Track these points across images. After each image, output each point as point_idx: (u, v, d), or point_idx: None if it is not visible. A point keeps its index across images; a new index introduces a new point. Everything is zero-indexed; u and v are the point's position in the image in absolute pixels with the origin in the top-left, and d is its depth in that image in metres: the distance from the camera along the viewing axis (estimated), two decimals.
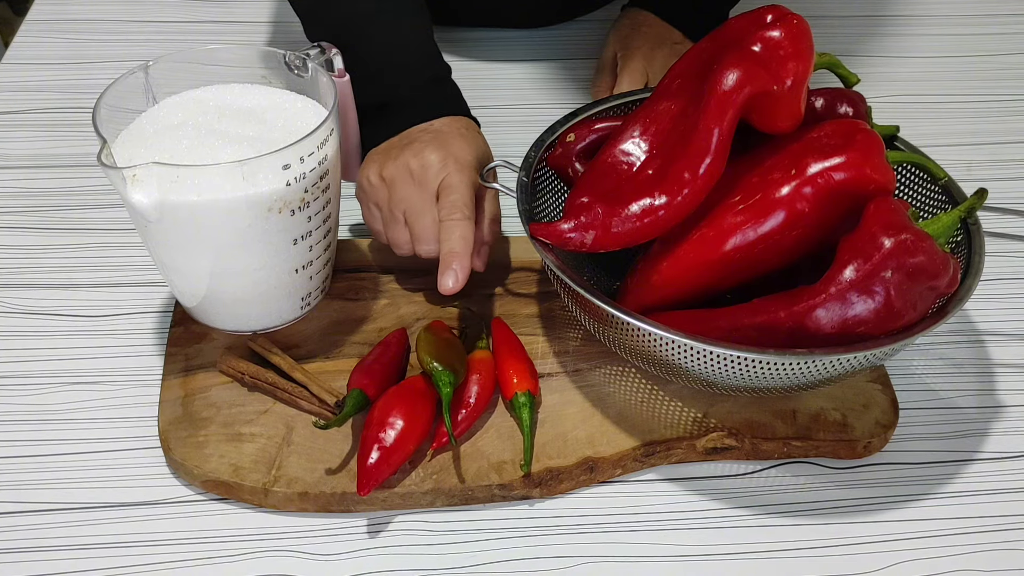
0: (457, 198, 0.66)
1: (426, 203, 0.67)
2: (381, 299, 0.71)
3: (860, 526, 0.61)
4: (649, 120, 0.64)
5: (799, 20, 0.60)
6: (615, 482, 0.63)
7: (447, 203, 0.66)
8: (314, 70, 0.66)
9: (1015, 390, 0.69)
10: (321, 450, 0.61)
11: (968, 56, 1.03)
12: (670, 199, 0.60)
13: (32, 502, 0.60)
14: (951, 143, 0.90)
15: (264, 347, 0.66)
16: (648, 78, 0.89)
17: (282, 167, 0.59)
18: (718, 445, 0.63)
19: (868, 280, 0.55)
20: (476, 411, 0.63)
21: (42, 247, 0.76)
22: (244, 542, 0.59)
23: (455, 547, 0.59)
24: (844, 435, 0.64)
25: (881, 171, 0.59)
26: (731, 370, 0.57)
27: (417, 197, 0.67)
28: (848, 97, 0.67)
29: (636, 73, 0.89)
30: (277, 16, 1.03)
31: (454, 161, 0.67)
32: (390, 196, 0.68)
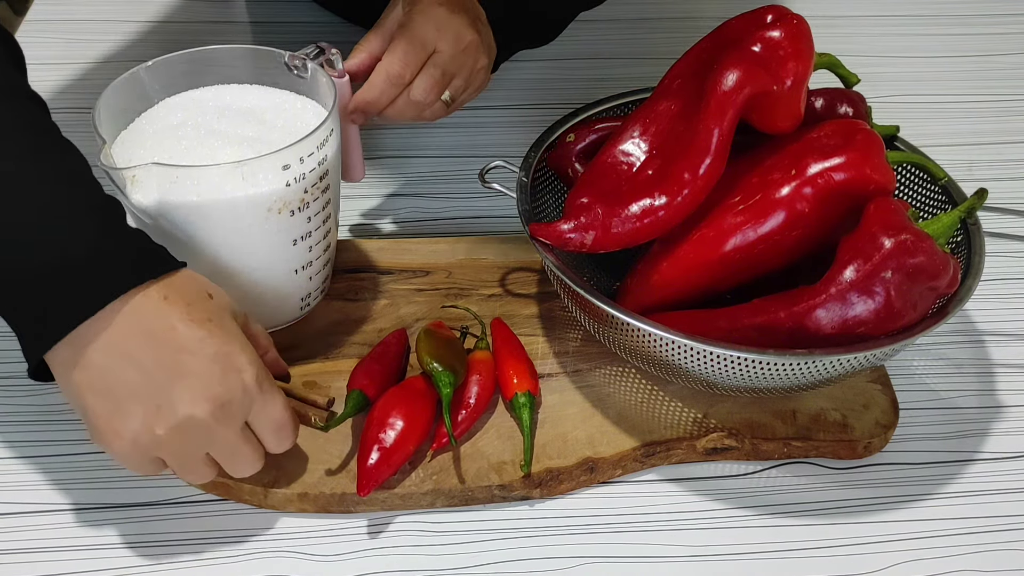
0: (277, 418, 0.55)
1: (239, 436, 0.54)
2: (381, 299, 0.71)
3: (860, 526, 0.61)
4: (649, 120, 0.64)
5: (799, 20, 0.60)
6: (615, 482, 0.63)
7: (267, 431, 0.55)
8: (314, 70, 0.65)
9: (1015, 390, 0.69)
10: (321, 450, 0.61)
11: (968, 56, 1.03)
12: (670, 199, 0.60)
13: (32, 502, 0.60)
14: (951, 143, 0.90)
15: None
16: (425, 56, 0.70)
17: (282, 167, 0.59)
18: (718, 445, 0.63)
19: (868, 280, 0.55)
20: (476, 411, 0.63)
21: None
22: (244, 542, 0.59)
23: (455, 548, 0.59)
24: (844, 435, 0.64)
25: (881, 171, 0.59)
26: (731, 370, 0.57)
27: (223, 436, 0.53)
28: (848, 97, 0.67)
29: (413, 46, 0.69)
30: (277, 16, 1.03)
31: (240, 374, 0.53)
32: (181, 451, 0.53)
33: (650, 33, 1.03)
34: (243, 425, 0.54)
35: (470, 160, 0.86)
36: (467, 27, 0.71)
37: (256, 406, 0.54)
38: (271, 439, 0.56)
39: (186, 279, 0.54)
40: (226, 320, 0.54)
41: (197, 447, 0.54)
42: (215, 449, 0.54)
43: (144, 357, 0.51)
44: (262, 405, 0.54)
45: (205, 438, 0.53)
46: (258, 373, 0.54)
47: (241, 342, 0.54)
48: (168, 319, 0.52)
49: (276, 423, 0.55)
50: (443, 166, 0.86)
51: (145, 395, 0.51)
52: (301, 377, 0.66)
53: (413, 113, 0.71)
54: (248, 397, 0.53)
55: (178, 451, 0.53)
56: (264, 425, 0.55)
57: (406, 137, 0.89)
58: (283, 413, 0.56)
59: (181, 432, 0.52)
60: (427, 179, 0.85)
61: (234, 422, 0.53)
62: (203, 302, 0.53)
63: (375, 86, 0.69)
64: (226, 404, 0.52)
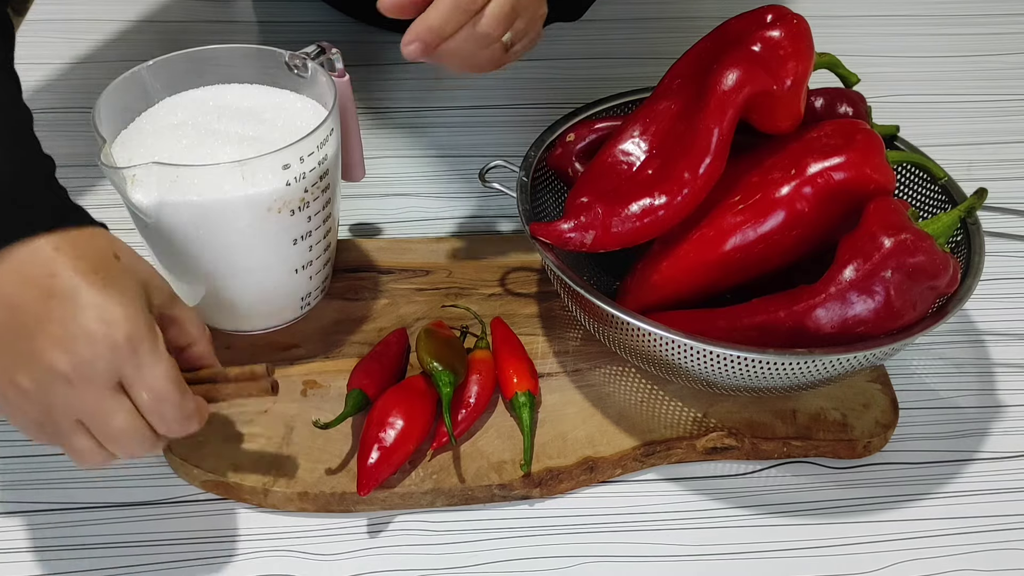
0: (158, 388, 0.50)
1: (110, 402, 0.50)
2: (381, 299, 0.71)
3: (860, 526, 0.61)
4: (649, 120, 0.64)
5: (799, 20, 0.60)
6: (615, 482, 0.63)
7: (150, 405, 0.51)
8: (314, 70, 0.66)
9: (1015, 390, 0.69)
10: (321, 450, 0.61)
11: (968, 56, 1.03)
12: (670, 199, 0.60)
13: (33, 502, 0.60)
14: (951, 143, 0.90)
15: None
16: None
17: (282, 167, 0.59)
18: (718, 445, 0.63)
19: (868, 280, 0.55)
20: (476, 411, 0.63)
21: None
22: (244, 542, 0.59)
23: (455, 547, 0.59)
24: (844, 435, 0.64)
25: (881, 171, 0.59)
26: (731, 370, 0.57)
27: (89, 398, 0.49)
28: (848, 97, 0.67)
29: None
30: (277, 16, 1.03)
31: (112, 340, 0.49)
32: (48, 407, 0.50)
33: (650, 33, 1.03)
34: (114, 389, 0.49)
35: (470, 160, 0.86)
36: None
37: (128, 369, 0.49)
38: (153, 414, 0.50)
39: (93, 236, 0.51)
40: (121, 280, 0.50)
41: (65, 408, 0.49)
42: (84, 414, 0.49)
43: (16, 303, 0.48)
44: (135, 369, 0.49)
45: (71, 398, 0.49)
46: (134, 332, 0.48)
47: (127, 302, 0.49)
48: (50, 267, 0.49)
49: (156, 393, 0.50)
50: (443, 166, 0.86)
51: (12, 342, 0.48)
52: (301, 376, 0.66)
53: (472, 49, 0.61)
54: (116, 355, 0.48)
55: (47, 410, 0.49)
56: (141, 395, 0.50)
57: (406, 137, 0.89)
58: (164, 384, 0.50)
59: (44, 387, 0.48)
60: (427, 179, 0.85)
61: (99, 381, 0.48)
62: (101, 260, 0.50)
63: (441, 9, 0.59)
64: (88, 360, 0.48)
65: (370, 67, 0.95)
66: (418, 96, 0.93)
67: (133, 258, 0.52)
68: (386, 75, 0.95)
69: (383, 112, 0.91)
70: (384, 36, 0.99)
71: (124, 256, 0.52)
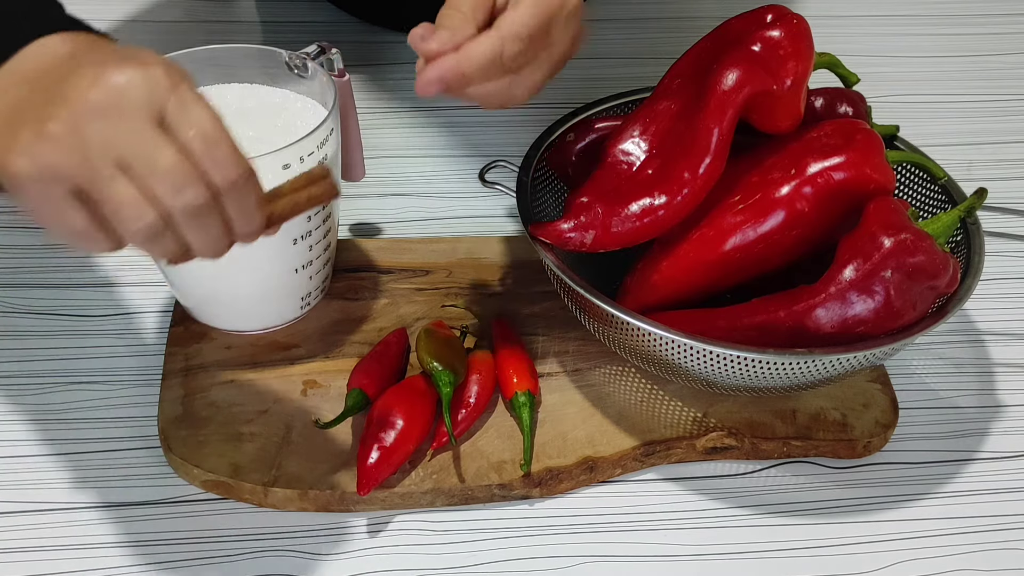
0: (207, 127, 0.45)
1: (151, 132, 0.44)
2: (381, 299, 0.71)
3: (859, 526, 0.61)
4: (649, 120, 0.64)
5: (799, 20, 0.60)
6: (615, 482, 0.63)
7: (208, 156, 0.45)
8: (314, 70, 0.66)
9: (1015, 390, 0.69)
10: (321, 450, 0.61)
11: (968, 56, 1.03)
12: (670, 199, 0.60)
13: (32, 502, 0.60)
14: (951, 143, 0.90)
15: None
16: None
17: (282, 167, 0.59)
18: (718, 445, 0.63)
19: (868, 280, 0.55)
20: (476, 411, 0.63)
21: (43, 247, 0.76)
22: (244, 542, 0.59)
23: (455, 547, 0.59)
24: (844, 435, 0.64)
25: (881, 171, 0.59)
26: (731, 370, 0.57)
27: (132, 130, 0.44)
28: (848, 97, 0.67)
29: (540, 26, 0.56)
30: (277, 16, 1.03)
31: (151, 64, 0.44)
32: (83, 152, 0.43)
33: (650, 33, 1.03)
34: (157, 123, 0.44)
35: (470, 160, 0.86)
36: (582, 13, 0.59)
37: (171, 104, 0.44)
38: (206, 159, 0.45)
39: (110, 42, 0.47)
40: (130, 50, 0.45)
41: (103, 146, 0.43)
42: (126, 150, 0.43)
43: (34, 76, 0.45)
44: (179, 105, 0.44)
45: (109, 132, 0.43)
46: (173, 69, 0.44)
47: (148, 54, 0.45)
48: (67, 46, 0.46)
49: (205, 133, 0.45)
50: (443, 166, 0.86)
51: (33, 104, 0.44)
52: (301, 376, 0.66)
53: (498, 102, 0.59)
54: (155, 86, 0.44)
55: (81, 158, 0.43)
56: (188, 133, 0.44)
57: (406, 137, 0.89)
58: (214, 124, 0.45)
59: (77, 126, 0.43)
60: (427, 179, 0.85)
61: (139, 112, 0.43)
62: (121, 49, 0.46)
63: (477, 60, 0.54)
64: (124, 87, 0.43)
65: (370, 67, 0.95)
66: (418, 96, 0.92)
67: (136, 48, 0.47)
68: (386, 75, 0.95)
69: (383, 112, 0.91)
70: (384, 36, 0.99)
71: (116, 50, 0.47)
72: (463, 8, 0.56)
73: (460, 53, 0.55)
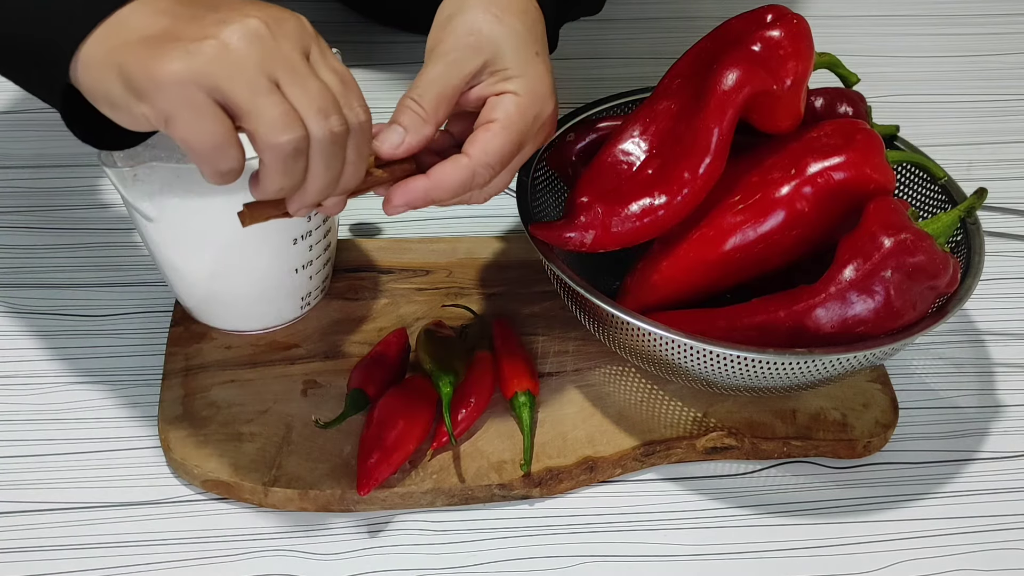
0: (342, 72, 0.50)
1: (303, 62, 0.48)
2: (381, 299, 0.71)
3: (859, 526, 0.61)
4: (649, 120, 0.64)
5: (799, 20, 0.60)
6: (615, 482, 0.63)
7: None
8: None
9: (1015, 390, 0.69)
10: (321, 450, 0.61)
11: (968, 56, 1.03)
12: (670, 199, 0.60)
13: (32, 502, 0.60)
14: (951, 143, 0.90)
15: None
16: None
17: None
18: (718, 445, 0.63)
19: (868, 280, 0.55)
20: (476, 411, 0.63)
21: (43, 247, 0.76)
22: (244, 542, 0.59)
23: (455, 547, 0.59)
24: (844, 435, 0.64)
25: (881, 171, 0.59)
26: (731, 370, 0.57)
27: (289, 54, 0.48)
28: (848, 97, 0.67)
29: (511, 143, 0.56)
30: None
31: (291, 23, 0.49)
32: (243, 60, 0.46)
33: (650, 33, 1.03)
34: (306, 57, 0.48)
35: None
36: (555, 105, 0.59)
37: (315, 47, 0.49)
38: (342, 97, 0.48)
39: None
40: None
41: (262, 60, 0.46)
42: (283, 69, 0.47)
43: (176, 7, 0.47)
44: (321, 52, 0.49)
45: (270, 49, 0.46)
46: (310, 27, 0.49)
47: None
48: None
49: (342, 76, 0.49)
50: None
51: (193, 18, 0.47)
52: (301, 376, 0.66)
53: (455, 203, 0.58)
54: (303, 29, 0.49)
55: (241, 64, 0.45)
56: (328, 75, 0.48)
57: None
58: (347, 72, 0.49)
59: (237, 39, 0.45)
60: None
61: (293, 41, 0.47)
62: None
63: (448, 190, 0.54)
64: (281, 18, 0.48)
65: (370, 67, 0.95)
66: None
67: None
68: (386, 75, 0.95)
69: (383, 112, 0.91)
70: (385, 36, 0.99)
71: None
72: (425, 103, 0.54)
73: (431, 182, 0.54)
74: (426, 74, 0.55)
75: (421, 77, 0.55)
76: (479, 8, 0.56)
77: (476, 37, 0.55)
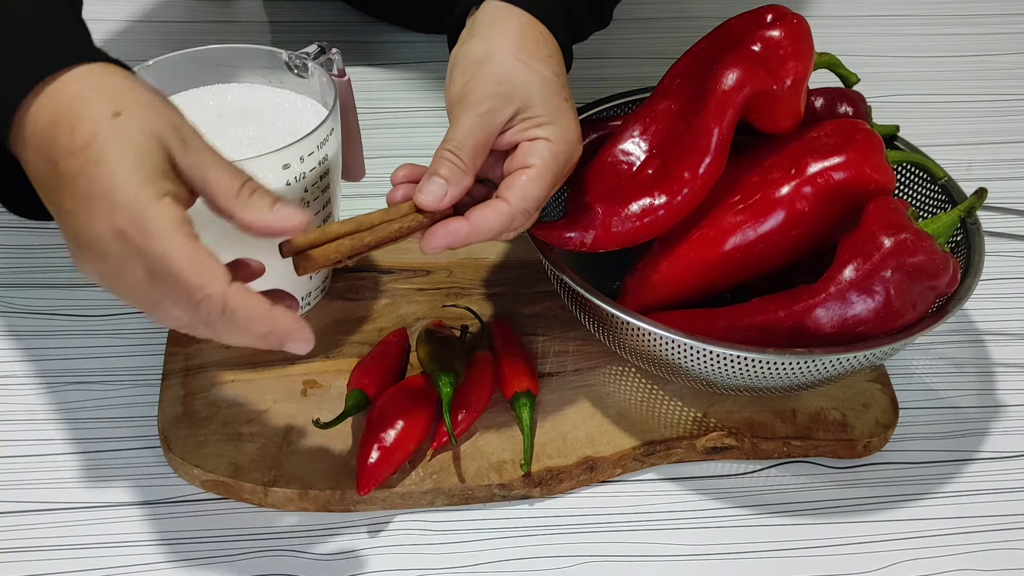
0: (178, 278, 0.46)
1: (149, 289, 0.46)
2: (381, 299, 0.71)
3: (859, 526, 0.61)
4: (649, 120, 0.64)
5: (799, 20, 0.60)
6: (615, 482, 0.63)
7: None
8: (314, 70, 0.66)
9: (1015, 390, 0.69)
10: (321, 450, 0.61)
11: (968, 56, 1.03)
12: (670, 199, 0.60)
13: (32, 502, 0.60)
14: (951, 143, 0.90)
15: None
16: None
17: (282, 167, 0.59)
18: (718, 445, 0.63)
19: (868, 280, 0.55)
20: (476, 411, 0.63)
21: (42, 247, 0.76)
22: (244, 542, 0.59)
23: (455, 547, 0.59)
24: (844, 435, 0.64)
25: (881, 171, 0.59)
26: (731, 370, 0.57)
27: (134, 291, 0.47)
28: (848, 97, 0.67)
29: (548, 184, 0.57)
30: (277, 16, 1.03)
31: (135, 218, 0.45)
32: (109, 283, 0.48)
33: (650, 33, 1.03)
34: (150, 278, 0.46)
35: None
36: (582, 148, 0.60)
37: (146, 262, 0.45)
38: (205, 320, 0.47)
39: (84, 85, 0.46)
40: (109, 151, 0.45)
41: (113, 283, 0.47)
42: (141, 303, 0.47)
43: (42, 173, 0.47)
44: (152, 260, 0.45)
45: (118, 290, 0.47)
46: (136, 215, 0.44)
47: (116, 179, 0.45)
48: (50, 152, 0.46)
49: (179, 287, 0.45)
50: None
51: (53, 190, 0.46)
52: (301, 376, 0.66)
53: None
54: (125, 244, 0.45)
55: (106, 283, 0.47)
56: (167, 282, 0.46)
57: (407, 137, 0.89)
58: (186, 276, 0.45)
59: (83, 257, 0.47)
60: None
61: (129, 278, 0.46)
62: (90, 123, 0.45)
63: (487, 234, 0.55)
64: (105, 254, 0.46)
65: (370, 67, 0.95)
66: (419, 96, 0.93)
67: (134, 102, 0.46)
68: (386, 75, 0.95)
69: (383, 112, 0.91)
70: (385, 36, 0.99)
71: (126, 107, 0.46)
72: (463, 155, 0.55)
73: (472, 227, 0.55)
74: (461, 125, 0.56)
75: (457, 128, 0.56)
76: (508, 55, 0.57)
77: (508, 86, 0.56)
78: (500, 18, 0.58)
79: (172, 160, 0.47)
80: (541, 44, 0.58)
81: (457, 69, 0.57)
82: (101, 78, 0.47)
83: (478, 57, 0.57)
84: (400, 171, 0.57)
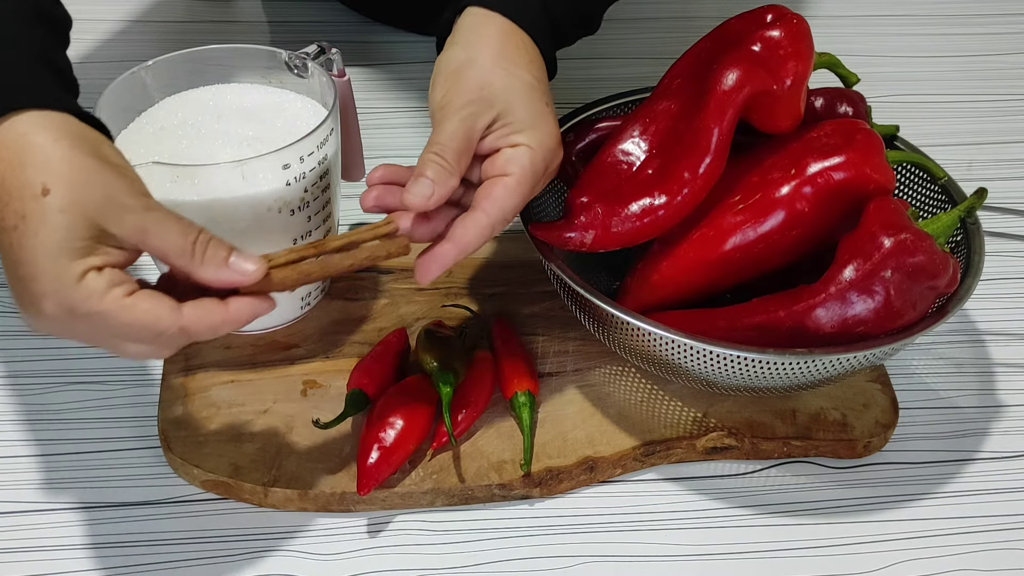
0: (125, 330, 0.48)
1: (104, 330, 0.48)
2: (381, 299, 0.71)
3: (859, 526, 0.61)
4: (649, 120, 0.64)
5: (799, 20, 0.60)
6: (615, 482, 0.63)
7: None
8: (314, 70, 0.66)
9: (1015, 390, 0.69)
10: (321, 450, 0.61)
11: (968, 56, 1.03)
12: (670, 199, 0.60)
13: (32, 502, 0.60)
14: (951, 143, 0.90)
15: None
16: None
17: (282, 167, 0.59)
18: (718, 445, 0.63)
19: (868, 280, 0.55)
20: (476, 411, 0.63)
21: None
22: (244, 542, 0.59)
23: (455, 547, 0.59)
24: (844, 435, 0.64)
25: (881, 171, 0.59)
26: (731, 370, 0.57)
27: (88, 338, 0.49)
28: (848, 97, 0.67)
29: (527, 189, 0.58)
30: (277, 16, 1.03)
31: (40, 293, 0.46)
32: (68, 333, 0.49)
33: (649, 33, 1.03)
34: (97, 333, 0.48)
35: None
36: (562, 155, 0.61)
37: (92, 324, 0.47)
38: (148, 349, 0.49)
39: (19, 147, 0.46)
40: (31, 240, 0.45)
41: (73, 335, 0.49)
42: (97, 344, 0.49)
43: None
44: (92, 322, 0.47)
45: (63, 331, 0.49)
46: (63, 299, 0.46)
47: (38, 267, 0.45)
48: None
49: (129, 335, 0.48)
50: None
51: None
52: (301, 376, 0.66)
53: None
54: (65, 318, 0.47)
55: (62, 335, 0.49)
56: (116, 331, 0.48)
57: (406, 137, 0.89)
58: (134, 328, 0.47)
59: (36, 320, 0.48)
60: None
61: (78, 330, 0.48)
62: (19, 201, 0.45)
63: (474, 245, 0.56)
64: (50, 319, 0.47)
65: (370, 67, 0.95)
66: (418, 96, 0.93)
67: (67, 185, 0.46)
68: (386, 75, 0.95)
69: (383, 112, 0.91)
70: (385, 36, 0.99)
71: (56, 183, 0.45)
72: (448, 157, 0.56)
73: (457, 246, 0.56)
74: (444, 130, 0.56)
75: (440, 132, 0.56)
76: (489, 61, 0.57)
77: (488, 91, 0.57)
78: (481, 25, 0.59)
79: (103, 231, 0.47)
80: (522, 50, 0.59)
81: (440, 76, 0.58)
82: (38, 138, 0.46)
83: (460, 64, 0.58)
84: (376, 172, 0.58)
